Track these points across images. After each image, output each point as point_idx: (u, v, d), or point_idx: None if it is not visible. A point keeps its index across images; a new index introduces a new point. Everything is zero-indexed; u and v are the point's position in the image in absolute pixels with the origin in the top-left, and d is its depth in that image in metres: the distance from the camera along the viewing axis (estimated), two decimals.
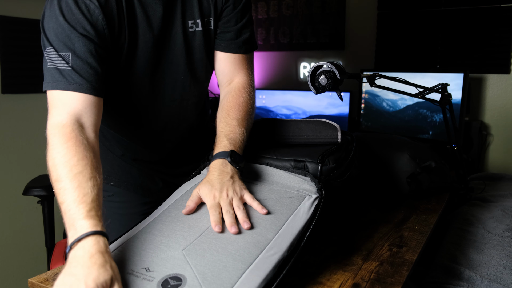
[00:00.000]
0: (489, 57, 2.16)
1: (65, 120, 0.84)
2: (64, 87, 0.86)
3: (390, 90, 1.22)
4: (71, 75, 0.86)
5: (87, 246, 0.68)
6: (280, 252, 0.72)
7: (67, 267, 0.66)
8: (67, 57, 0.88)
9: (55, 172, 0.77)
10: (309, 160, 0.94)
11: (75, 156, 0.78)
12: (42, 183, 1.68)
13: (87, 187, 0.75)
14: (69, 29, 0.88)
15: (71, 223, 0.71)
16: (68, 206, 0.73)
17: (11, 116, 2.19)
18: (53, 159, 0.79)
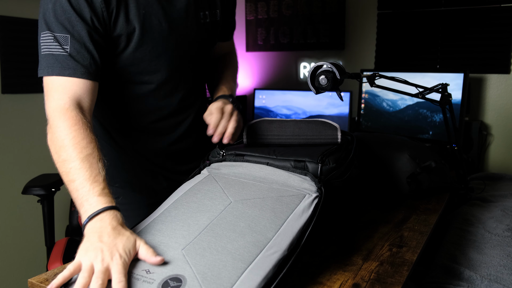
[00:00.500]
0: (489, 57, 2.16)
1: (67, 104, 0.86)
2: (59, 72, 0.88)
3: (390, 90, 1.22)
4: (65, 60, 0.88)
5: (107, 219, 0.73)
6: (280, 251, 0.72)
7: (88, 239, 0.71)
8: (64, 39, 0.89)
9: (64, 152, 0.81)
10: (309, 160, 0.94)
11: (84, 139, 0.83)
12: (42, 182, 1.68)
13: (98, 167, 0.80)
14: (70, 11, 0.89)
15: (85, 199, 0.76)
16: (81, 184, 0.78)
17: (11, 116, 2.19)
18: (61, 140, 0.83)
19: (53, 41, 0.89)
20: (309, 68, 1.10)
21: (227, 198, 0.86)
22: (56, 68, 0.88)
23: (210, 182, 0.93)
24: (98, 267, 0.66)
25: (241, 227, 0.77)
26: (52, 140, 0.85)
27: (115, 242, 0.69)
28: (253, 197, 0.86)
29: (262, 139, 1.07)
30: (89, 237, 0.71)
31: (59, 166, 0.83)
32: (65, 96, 0.87)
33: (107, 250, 0.68)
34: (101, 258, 0.67)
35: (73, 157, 0.80)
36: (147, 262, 0.69)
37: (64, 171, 0.81)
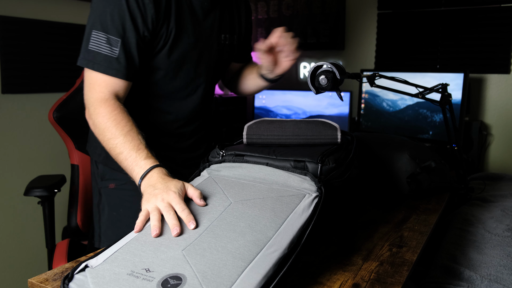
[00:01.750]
0: (489, 57, 2.16)
1: (107, 96, 1.02)
2: (104, 70, 1.02)
3: (390, 90, 1.22)
4: (112, 62, 1.02)
5: (156, 174, 0.90)
6: (280, 249, 0.72)
7: (147, 191, 0.86)
8: (116, 42, 1.02)
9: (108, 132, 0.98)
10: (309, 160, 0.94)
11: (123, 119, 0.99)
12: (43, 184, 1.67)
13: (139, 139, 0.97)
14: (127, 19, 1.02)
15: (135, 164, 0.93)
16: (128, 154, 0.95)
17: (11, 116, 2.19)
18: (104, 123, 0.99)
19: (105, 42, 1.01)
20: (309, 68, 1.10)
21: (227, 199, 0.86)
22: (102, 66, 1.02)
23: (210, 184, 0.93)
24: (162, 205, 0.81)
25: (241, 227, 0.77)
26: (95, 125, 1.01)
27: (167, 185, 0.85)
28: (253, 197, 0.86)
29: (262, 139, 1.07)
30: (146, 191, 0.87)
31: (106, 144, 0.99)
32: (106, 90, 1.03)
33: (163, 191, 0.83)
34: (160, 198, 0.82)
35: (117, 134, 0.97)
36: (194, 200, 0.84)
37: (111, 147, 0.98)
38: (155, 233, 0.76)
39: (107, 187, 1.26)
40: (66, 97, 1.73)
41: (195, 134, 1.31)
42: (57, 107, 1.68)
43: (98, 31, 1.01)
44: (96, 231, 1.31)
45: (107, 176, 1.26)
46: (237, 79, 1.42)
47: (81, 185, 1.76)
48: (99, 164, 1.28)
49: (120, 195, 1.24)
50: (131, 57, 1.04)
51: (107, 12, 1.01)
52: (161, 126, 1.23)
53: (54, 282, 0.77)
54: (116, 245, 0.76)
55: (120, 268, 0.69)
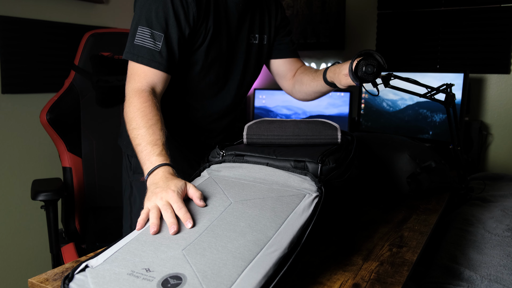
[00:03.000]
0: (489, 57, 2.16)
1: (144, 87, 1.07)
2: (147, 63, 1.08)
3: (402, 91, 1.22)
4: (155, 55, 1.08)
5: (162, 172, 0.92)
6: (280, 249, 0.72)
7: (151, 188, 0.88)
8: (159, 37, 1.08)
9: (134, 121, 1.01)
10: (309, 160, 0.94)
11: (151, 113, 1.02)
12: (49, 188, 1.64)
13: (160, 134, 1.00)
14: (171, 15, 1.08)
15: (147, 158, 0.96)
16: (145, 147, 0.97)
17: (11, 116, 2.19)
18: (133, 112, 1.02)
19: (149, 36, 1.08)
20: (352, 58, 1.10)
21: (227, 199, 0.86)
22: (146, 59, 1.07)
23: (211, 184, 0.93)
24: (160, 203, 0.82)
25: (241, 226, 0.77)
26: (126, 113, 1.05)
27: (167, 184, 0.87)
28: (253, 197, 0.86)
29: (262, 139, 1.07)
30: (149, 188, 0.89)
31: (130, 133, 1.03)
32: (144, 81, 1.07)
33: (163, 190, 0.85)
34: (160, 197, 0.84)
35: (141, 125, 1.00)
36: (194, 201, 0.85)
37: (133, 137, 1.01)
38: (153, 231, 0.77)
39: (138, 180, 1.31)
40: (57, 98, 1.73)
41: (224, 131, 1.37)
42: (50, 109, 1.68)
43: (143, 27, 1.07)
44: (126, 223, 1.37)
45: (139, 170, 1.28)
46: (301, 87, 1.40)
47: (75, 188, 1.76)
48: (131, 157, 1.34)
49: None
50: (172, 51, 1.10)
51: (152, 9, 1.07)
52: (193, 122, 1.30)
53: (54, 282, 0.77)
54: (116, 245, 0.76)
55: (120, 268, 0.69)
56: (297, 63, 1.43)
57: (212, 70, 1.22)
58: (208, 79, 1.23)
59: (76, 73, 1.80)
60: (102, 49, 1.80)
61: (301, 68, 1.42)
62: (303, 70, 1.39)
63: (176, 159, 1.30)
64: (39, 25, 2.20)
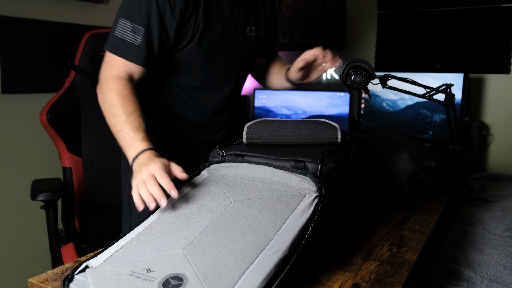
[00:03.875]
0: (489, 57, 2.16)
1: (122, 74, 1.10)
2: (125, 56, 1.10)
3: (400, 91, 1.22)
4: (134, 49, 1.09)
5: (146, 155, 0.97)
6: (281, 250, 0.72)
7: (137, 171, 0.93)
8: (139, 31, 1.09)
9: (114, 108, 1.05)
10: (309, 160, 0.94)
11: (130, 100, 1.06)
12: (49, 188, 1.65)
13: (140, 121, 1.05)
14: (154, 10, 1.08)
15: (130, 144, 1.01)
16: (127, 133, 1.02)
17: (11, 116, 2.19)
18: (113, 99, 1.06)
19: (130, 30, 1.08)
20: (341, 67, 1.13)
21: (227, 198, 0.86)
22: (124, 52, 1.09)
23: (210, 183, 0.93)
24: (145, 176, 0.88)
25: (241, 227, 0.77)
26: (104, 99, 1.08)
27: (152, 160, 0.93)
28: (253, 197, 0.86)
29: (262, 139, 1.07)
30: (135, 170, 0.95)
31: (109, 119, 1.06)
32: (121, 69, 1.10)
33: (147, 165, 0.91)
34: (144, 171, 0.89)
35: (121, 112, 1.04)
36: (177, 175, 0.92)
37: (113, 123, 1.05)
38: (140, 209, 0.84)
39: None
40: (57, 98, 1.73)
41: (224, 127, 1.37)
42: (49, 109, 1.68)
43: (125, 19, 1.08)
44: (126, 225, 1.36)
45: None
46: (265, 75, 1.50)
47: (75, 188, 1.76)
48: None
49: None
50: (151, 46, 1.10)
51: (137, 2, 1.08)
52: (191, 118, 1.30)
53: (54, 282, 0.77)
54: (116, 245, 0.76)
55: (121, 269, 0.69)
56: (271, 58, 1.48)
57: (210, 64, 1.22)
58: (206, 73, 1.23)
59: (76, 73, 1.80)
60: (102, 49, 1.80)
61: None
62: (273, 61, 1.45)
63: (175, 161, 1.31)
64: (39, 25, 2.20)
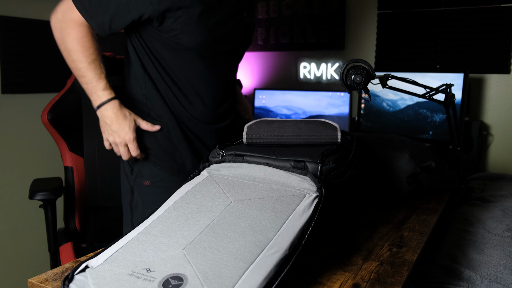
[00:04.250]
0: (489, 57, 2.16)
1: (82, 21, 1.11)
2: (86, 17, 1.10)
3: (400, 91, 1.22)
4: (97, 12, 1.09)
5: (111, 107, 1.15)
6: (281, 250, 0.72)
7: (104, 122, 1.17)
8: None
9: (75, 55, 1.12)
10: (309, 160, 0.94)
11: (91, 47, 1.13)
12: (47, 187, 1.65)
13: (101, 68, 1.14)
14: None
15: (93, 91, 1.14)
16: (89, 80, 1.13)
17: (11, 116, 2.19)
18: (73, 45, 1.11)
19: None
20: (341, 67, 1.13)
21: (227, 198, 0.86)
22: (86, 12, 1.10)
23: (210, 183, 0.93)
24: (118, 140, 1.17)
25: (241, 227, 0.77)
26: (63, 42, 1.13)
27: (122, 126, 1.15)
28: (253, 197, 0.86)
29: (262, 139, 1.07)
30: (104, 122, 1.17)
31: (70, 63, 1.14)
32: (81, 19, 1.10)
33: (119, 134, 1.16)
34: (118, 139, 1.17)
35: (83, 60, 1.11)
36: (149, 130, 1.19)
37: (75, 67, 1.14)
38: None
39: (141, 185, 1.28)
40: (59, 98, 1.73)
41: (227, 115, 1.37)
42: (51, 108, 1.68)
43: None
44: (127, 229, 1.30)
45: (142, 174, 1.28)
46: None
47: (76, 188, 1.76)
48: (133, 163, 1.29)
49: (153, 192, 1.28)
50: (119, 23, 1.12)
51: None
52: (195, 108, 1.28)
53: (54, 282, 0.77)
54: (116, 245, 0.76)
55: (121, 269, 0.69)
56: None
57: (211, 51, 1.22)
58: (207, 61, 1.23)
59: None
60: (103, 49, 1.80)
61: None
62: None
63: (177, 159, 1.29)
64: (39, 25, 2.20)
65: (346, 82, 1.11)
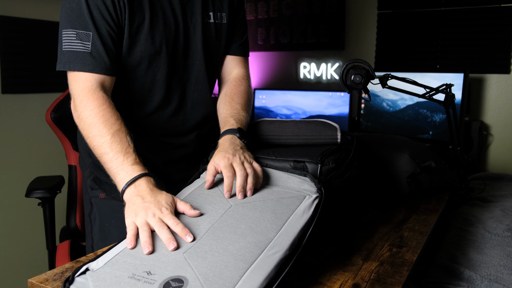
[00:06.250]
0: (489, 57, 2.16)
1: (94, 86, 0.96)
2: (80, 68, 0.96)
3: (400, 91, 1.22)
4: (86, 57, 0.96)
5: (144, 184, 0.85)
6: (281, 251, 0.72)
7: (133, 202, 0.81)
8: (86, 37, 0.96)
9: (95, 129, 0.92)
10: (309, 161, 0.94)
11: (112, 116, 0.93)
12: (44, 185, 1.66)
13: (127, 141, 0.91)
14: (93, 8, 0.96)
15: (120, 168, 0.87)
16: (114, 156, 0.88)
17: (11, 116, 2.19)
18: (91, 118, 0.92)
19: (75, 38, 0.96)
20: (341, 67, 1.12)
21: (227, 202, 0.86)
22: (78, 64, 0.96)
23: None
24: (153, 220, 0.77)
25: (242, 229, 0.77)
26: (81, 118, 0.94)
27: (157, 199, 0.81)
28: (253, 199, 0.86)
29: (262, 139, 1.07)
30: (132, 201, 0.82)
31: (91, 141, 0.93)
32: (89, 82, 0.96)
33: (154, 206, 0.80)
34: (152, 213, 0.78)
35: (104, 132, 0.90)
36: (187, 214, 0.81)
37: (96, 145, 0.91)
38: (147, 251, 0.72)
39: (97, 197, 1.20)
40: (63, 97, 1.73)
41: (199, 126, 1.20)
42: (55, 108, 1.68)
43: (67, 29, 0.96)
44: (88, 242, 1.25)
45: (97, 185, 1.20)
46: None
47: (79, 186, 1.76)
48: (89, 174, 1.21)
49: (111, 205, 1.19)
50: (106, 48, 0.97)
51: (73, 7, 0.96)
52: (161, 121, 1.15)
53: (54, 282, 0.77)
54: (117, 248, 0.76)
55: (121, 271, 0.69)
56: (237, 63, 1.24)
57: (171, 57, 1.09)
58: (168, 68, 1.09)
59: None
60: None
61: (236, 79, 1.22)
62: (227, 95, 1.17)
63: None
64: (39, 25, 2.20)
65: (346, 82, 1.11)
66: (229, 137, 0.99)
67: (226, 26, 1.17)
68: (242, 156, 0.92)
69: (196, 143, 1.21)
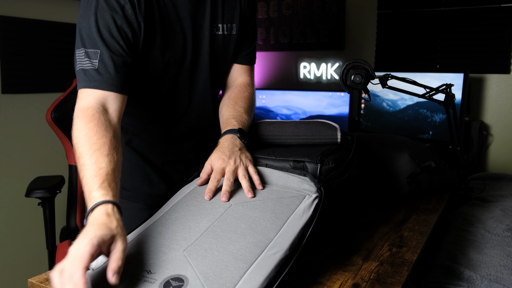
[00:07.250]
0: (489, 57, 2.16)
1: (90, 104, 0.91)
2: (85, 85, 0.94)
3: (400, 91, 1.22)
4: (93, 74, 0.93)
5: (96, 214, 0.73)
6: (281, 251, 0.72)
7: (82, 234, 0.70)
8: (94, 54, 0.95)
9: (77, 150, 0.84)
10: (308, 160, 0.94)
11: (95, 135, 0.85)
12: (44, 185, 1.66)
13: (103, 162, 0.81)
14: (102, 27, 0.95)
15: (88, 195, 0.78)
16: (86, 180, 0.79)
17: (11, 116, 2.19)
18: (76, 138, 0.86)
19: (84, 56, 0.95)
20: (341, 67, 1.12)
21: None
22: (84, 81, 0.94)
23: None
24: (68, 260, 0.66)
25: (242, 228, 0.77)
26: (73, 139, 0.88)
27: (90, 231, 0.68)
28: (253, 199, 0.86)
29: (262, 139, 1.07)
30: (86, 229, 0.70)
31: (77, 163, 0.86)
32: (91, 97, 0.92)
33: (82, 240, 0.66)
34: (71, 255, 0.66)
35: (83, 153, 0.83)
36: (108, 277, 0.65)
37: (78, 167, 0.84)
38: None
39: None
40: (64, 97, 1.73)
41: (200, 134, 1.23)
42: (55, 108, 1.68)
43: (78, 49, 0.96)
44: None
45: None
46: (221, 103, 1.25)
47: (79, 186, 1.76)
48: None
49: None
50: (112, 65, 0.95)
51: (84, 27, 0.96)
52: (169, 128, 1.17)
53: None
54: None
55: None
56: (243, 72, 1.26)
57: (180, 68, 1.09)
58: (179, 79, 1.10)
59: None
60: None
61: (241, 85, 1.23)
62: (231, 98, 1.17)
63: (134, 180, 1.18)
64: (39, 25, 2.20)
65: (346, 82, 1.12)
66: (230, 136, 0.99)
67: (235, 37, 1.17)
68: (238, 159, 0.92)
69: (195, 149, 1.23)
